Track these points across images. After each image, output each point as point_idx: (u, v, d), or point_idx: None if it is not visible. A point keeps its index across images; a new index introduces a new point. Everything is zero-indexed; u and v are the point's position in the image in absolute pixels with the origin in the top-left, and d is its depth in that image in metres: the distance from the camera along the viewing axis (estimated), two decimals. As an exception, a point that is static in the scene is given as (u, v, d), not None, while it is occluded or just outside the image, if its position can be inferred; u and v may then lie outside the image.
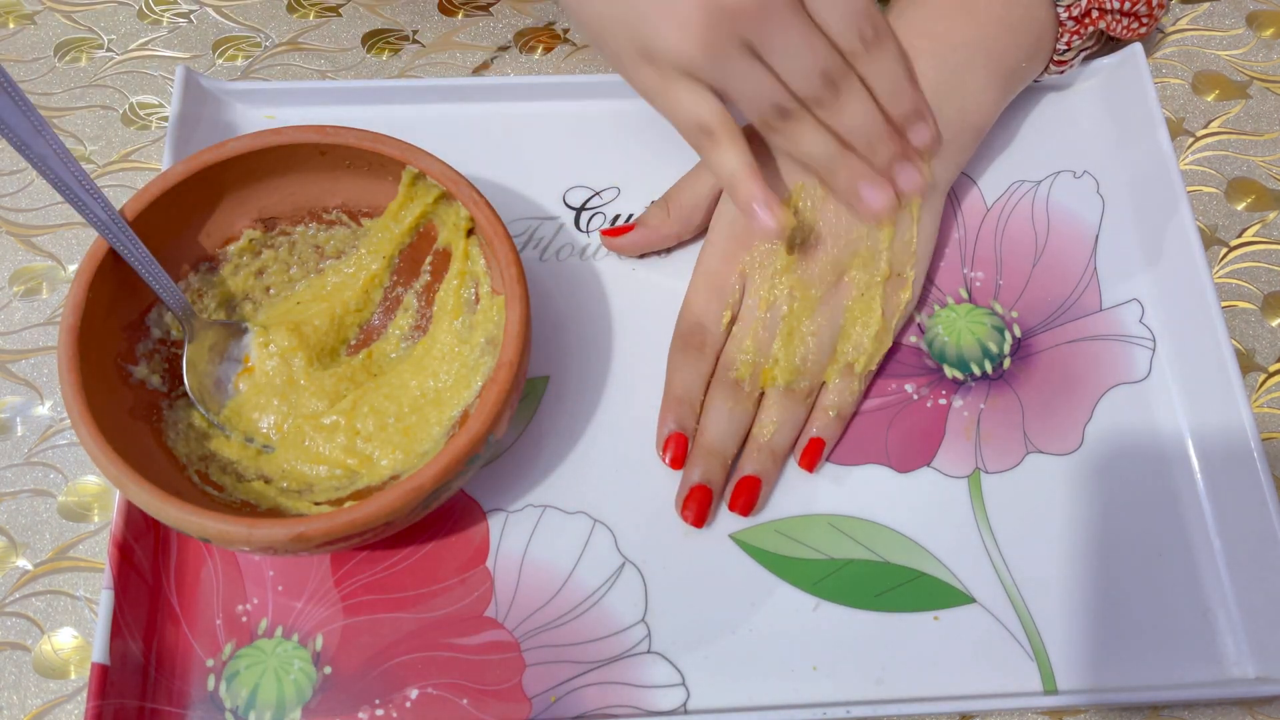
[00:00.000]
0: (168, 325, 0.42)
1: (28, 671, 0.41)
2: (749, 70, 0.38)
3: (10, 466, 0.45)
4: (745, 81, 0.38)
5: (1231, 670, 0.42)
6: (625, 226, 0.48)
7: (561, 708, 0.40)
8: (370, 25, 0.55)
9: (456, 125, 0.51)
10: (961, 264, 0.49)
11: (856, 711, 0.40)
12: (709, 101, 0.38)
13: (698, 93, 0.38)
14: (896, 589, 0.43)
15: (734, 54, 0.37)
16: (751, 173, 0.39)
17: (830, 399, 0.44)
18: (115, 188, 0.50)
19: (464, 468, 0.37)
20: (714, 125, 0.38)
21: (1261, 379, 0.48)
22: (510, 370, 0.38)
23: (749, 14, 0.36)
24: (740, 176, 0.39)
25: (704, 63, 0.37)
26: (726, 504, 0.43)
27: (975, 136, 0.46)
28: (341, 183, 0.44)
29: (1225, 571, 0.43)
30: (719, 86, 0.38)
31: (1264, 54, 0.56)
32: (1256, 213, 0.51)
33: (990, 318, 0.48)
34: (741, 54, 0.37)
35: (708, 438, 0.43)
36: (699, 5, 0.36)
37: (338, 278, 0.45)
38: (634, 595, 0.42)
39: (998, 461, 0.45)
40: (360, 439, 0.42)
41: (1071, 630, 0.42)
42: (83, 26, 0.55)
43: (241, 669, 0.41)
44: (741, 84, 0.38)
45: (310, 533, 0.35)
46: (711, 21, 0.36)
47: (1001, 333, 0.47)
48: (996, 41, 0.46)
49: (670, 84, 0.38)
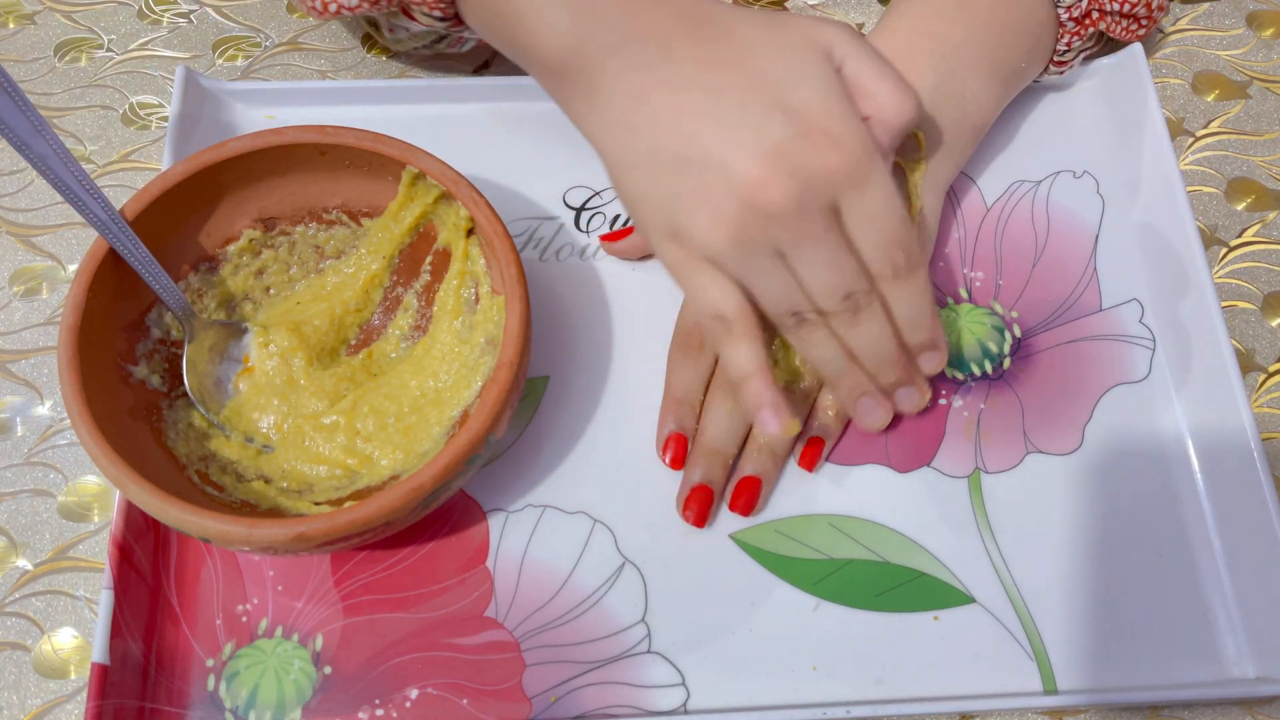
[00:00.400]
0: (168, 325, 0.42)
1: (28, 671, 0.41)
2: (774, 273, 0.37)
3: (10, 466, 0.45)
4: (768, 282, 0.37)
5: (1231, 670, 0.42)
6: (624, 230, 0.48)
7: (561, 708, 0.40)
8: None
9: (456, 125, 0.51)
10: (961, 264, 0.49)
11: (856, 711, 0.39)
12: (731, 294, 0.37)
13: (721, 283, 0.37)
14: (896, 589, 0.43)
15: (762, 255, 0.36)
16: (763, 373, 0.38)
17: (829, 398, 0.44)
18: (115, 188, 0.50)
19: (464, 468, 0.37)
20: (732, 318, 0.37)
21: (1261, 379, 0.48)
22: (510, 370, 0.38)
23: (784, 221, 0.35)
24: (751, 376, 0.38)
25: (731, 257, 0.36)
26: (727, 504, 0.43)
27: (975, 136, 0.46)
28: (341, 183, 0.44)
29: (1225, 571, 0.43)
30: (741, 280, 0.37)
31: (1264, 54, 0.56)
32: (1256, 213, 0.51)
33: (990, 318, 0.48)
34: (769, 256, 0.36)
35: (708, 438, 0.43)
36: (737, 200, 0.35)
37: (338, 278, 0.45)
38: (634, 595, 0.42)
39: (998, 461, 0.45)
40: (360, 439, 0.42)
41: (1071, 630, 0.42)
42: (83, 26, 0.55)
43: (241, 669, 0.41)
44: (764, 284, 0.37)
45: (310, 533, 0.35)
46: (746, 220, 0.35)
47: (1001, 333, 0.47)
48: (996, 42, 0.46)
49: (695, 267, 0.37)
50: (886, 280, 0.38)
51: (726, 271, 0.37)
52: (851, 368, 0.40)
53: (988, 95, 0.46)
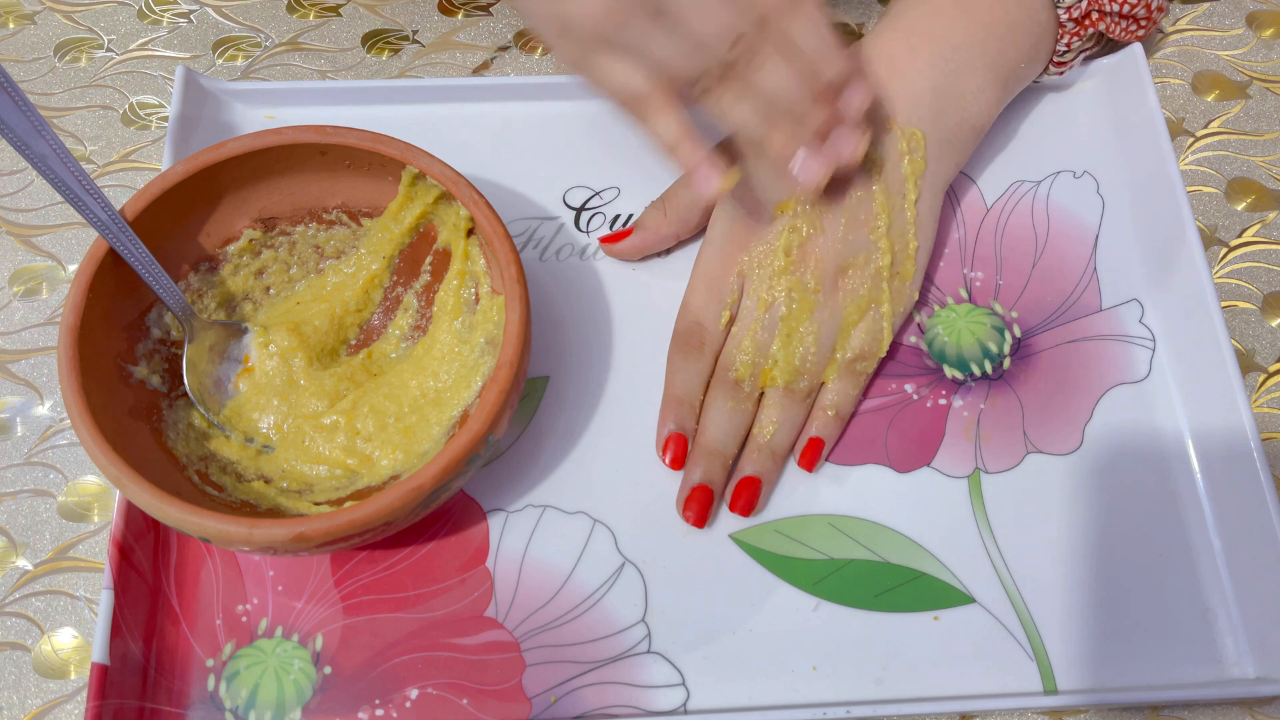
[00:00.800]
0: (167, 325, 0.42)
1: (28, 671, 0.41)
2: (662, 36, 0.37)
3: (10, 466, 0.45)
4: (661, 47, 0.37)
5: (1231, 670, 0.42)
6: (623, 232, 0.48)
7: (561, 708, 0.40)
8: (370, 25, 0.55)
9: (456, 125, 0.51)
10: (961, 264, 0.49)
11: (856, 712, 0.40)
12: (634, 70, 0.37)
13: (620, 63, 0.37)
14: (896, 589, 0.43)
15: (640, 19, 0.36)
16: (690, 136, 0.38)
17: (829, 399, 0.44)
18: (115, 188, 0.50)
19: (464, 468, 0.37)
20: (644, 92, 0.38)
21: (1261, 379, 0.48)
22: (510, 370, 0.38)
23: None
24: (680, 141, 0.38)
25: (614, 29, 0.36)
26: (727, 505, 0.43)
27: (974, 137, 0.46)
28: (341, 183, 0.44)
29: (1225, 571, 0.43)
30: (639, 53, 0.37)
31: (1264, 54, 0.56)
32: (1256, 213, 0.51)
33: (990, 318, 0.48)
34: (648, 19, 0.36)
35: (708, 438, 0.43)
36: None
37: (338, 278, 0.45)
38: (634, 595, 0.42)
39: (998, 461, 0.45)
40: (360, 439, 0.42)
41: (1071, 630, 0.42)
42: (83, 26, 0.55)
43: (241, 669, 0.41)
44: (659, 50, 0.37)
45: (310, 532, 0.35)
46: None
47: (1001, 333, 0.47)
48: (996, 42, 0.46)
49: (592, 56, 0.38)
50: (777, 14, 0.37)
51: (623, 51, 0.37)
52: (775, 121, 0.39)
53: (988, 96, 0.46)
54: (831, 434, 0.44)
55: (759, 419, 0.44)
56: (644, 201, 0.49)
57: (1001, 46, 0.46)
